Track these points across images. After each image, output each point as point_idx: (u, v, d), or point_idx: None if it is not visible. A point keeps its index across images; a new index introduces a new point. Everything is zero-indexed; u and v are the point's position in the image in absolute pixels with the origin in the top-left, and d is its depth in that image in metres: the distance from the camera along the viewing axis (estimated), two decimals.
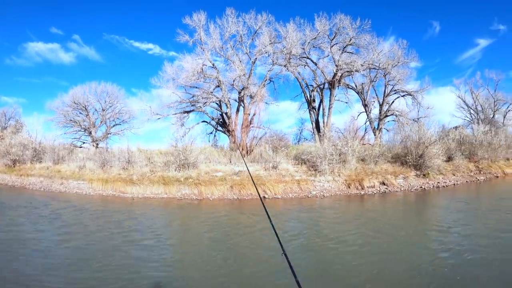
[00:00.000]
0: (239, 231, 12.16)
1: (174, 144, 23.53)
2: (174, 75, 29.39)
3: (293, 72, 32.11)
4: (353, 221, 13.58)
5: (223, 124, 31.38)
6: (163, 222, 14.18)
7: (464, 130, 34.47)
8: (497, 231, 10.93)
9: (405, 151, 25.35)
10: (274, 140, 28.10)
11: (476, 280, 7.24)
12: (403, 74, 33.07)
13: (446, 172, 25.25)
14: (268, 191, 19.72)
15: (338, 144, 24.21)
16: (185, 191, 20.16)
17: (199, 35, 29.55)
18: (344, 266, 8.25)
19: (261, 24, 30.54)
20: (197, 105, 30.29)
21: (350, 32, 31.04)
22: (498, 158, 30.45)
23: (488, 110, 46.31)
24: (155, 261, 8.82)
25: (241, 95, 30.01)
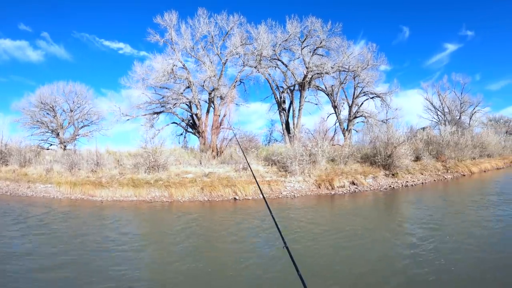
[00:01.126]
0: (211, 233, 12.18)
1: (144, 145, 23.29)
2: (144, 75, 29.27)
3: (263, 74, 32.56)
4: (324, 220, 13.86)
5: (193, 125, 31.47)
6: (134, 226, 13.93)
7: (431, 130, 35.75)
8: (462, 226, 11.71)
9: (374, 152, 26.03)
10: (244, 141, 28.28)
11: (448, 270, 7.71)
12: (372, 76, 34.07)
13: (414, 172, 26.11)
14: (239, 193, 19.80)
15: (308, 145, 24.63)
16: (155, 194, 19.96)
17: (170, 35, 29.51)
18: (321, 265, 8.47)
19: (233, 25, 30.83)
20: (167, 106, 30.24)
21: (321, 34, 31.67)
22: (464, 158, 31.68)
23: (455, 112, 48.34)
24: (126, 266, 8.69)
25: (211, 96, 30.12)
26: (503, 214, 13.26)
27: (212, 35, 30.55)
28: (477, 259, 8.50)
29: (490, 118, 57.98)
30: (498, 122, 57.95)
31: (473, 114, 50.48)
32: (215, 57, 31.43)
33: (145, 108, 30.15)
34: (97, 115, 38.37)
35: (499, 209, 14.21)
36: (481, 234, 10.39)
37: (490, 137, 40.30)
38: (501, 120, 59.63)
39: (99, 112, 38.14)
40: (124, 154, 26.63)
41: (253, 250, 9.79)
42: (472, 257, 8.64)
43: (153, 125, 30.43)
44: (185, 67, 30.31)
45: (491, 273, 7.51)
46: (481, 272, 7.60)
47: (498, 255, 8.58)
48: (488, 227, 11.36)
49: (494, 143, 40.47)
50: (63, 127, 37.23)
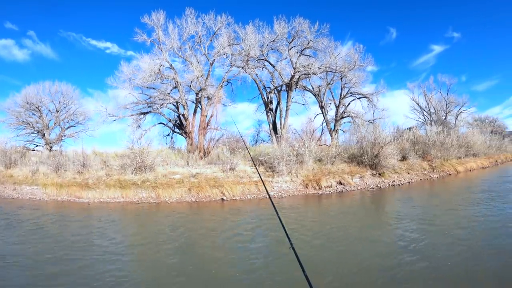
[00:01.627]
0: (200, 234, 12.08)
1: (131, 146, 23.17)
2: (131, 75, 29.07)
3: (251, 74, 32.68)
4: (313, 219, 14.00)
5: (180, 126, 31.46)
6: (121, 228, 13.72)
7: (417, 130, 36.32)
8: (445, 224, 12.00)
9: (361, 151, 26.41)
10: (231, 142, 28.43)
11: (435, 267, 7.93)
12: (359, 77, 34.42)
13: (401, 171, 26.55)
14: (226, 193, 19.89)
15: (295, 145, 24.90)
16: (142, 195, 19.88)
17: (158, 34, 29.48)
18: (316, 263, 8.51)
19: (221, 26, 30.94)
20: (154, 107, 30.17)
21: (309, 35, 31.91)
22: (450, 157, 32.35)
23: (441, 112, 49.20)
24: (114, 269, 8.61)
25: (198, 97, 30.17)
26: (489, 210, 13.70)
27: (200, 35, 30.67)
28: (466, 253, 8.80)
29: (476, 118, 59.21)
30: (484, 122, 59.16)
31: (458, 114, 51.54)
32: (202, 57, 31.55)
33: (132, 108, 30.05)
34: (84, 115, 38.05)
35: (484, 206, 14.68)
36: (468, 231, 10.76)
37: (476, 137, 41.12)
38: (486, 120, 60.95)
39: (85, 113, 37.81)
40: (110, 155, 26.48)
41: (246, 251, 9.81)
42: (462, 251, 8.95)
43: (140, 126, 30.35)
44: (172, 67, 30.30)
45: (482, 268, 7.79)
46: (472, 266, 7.89)
47: (485, 250, 8.87)
48: (474, 224, 11.73)
49: (480, 142, 41.31)
50: (49, 127, 36.77)
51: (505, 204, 14.93)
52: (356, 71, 34.00)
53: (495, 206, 14.70)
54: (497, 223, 11.59)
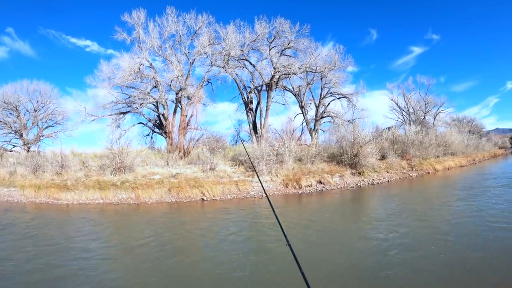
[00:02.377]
0: (181, 236, 11.89)
1: (110, 146, 22.90)
2: (110, 74, 29.05)
3: (231, 74, 32.95)
4: (294, 218, 14.14)
5: (160, 125, 31.46)
6: (100, 230, 13.34)
7: (396, 130, 37.09)
8: (424, 220, 12.50)
9: (340, 151, 26.84)
10: (211, 142, 28.49)
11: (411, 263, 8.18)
12: (339, 77, 35.11)
13: (380, 170, 27.12)
14: (206, 193, 19.89)
15: (275, 144, 25.15)
16: (122, 196, 19.67)
17: (138, 33, 29.46)
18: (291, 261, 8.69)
19: (201, 25, 31.07)
20: (134, 106, 30.12)
21: (289, 36, 32.41)
22: (429, 156, 33.18)
23: (419, 112, 50.43)
24: (93, 273, 8.37)
25: (178, 96, 30.25)
26: (468, 207, 14.21)
27: (180, 34, 30.77)
28: (446, 247, 9.13)
29: (454, 118, 60.68)
30: (462, 122, 60.54)
31: (437, 114, 52.96)
32: (182, 57, 31.67)
33: (111, 108, 29.89)
34: (62, 115, 37.65)
35: (463, 203, 15.22)
36: (449, 227, 11.10)
37: (454, 136, 42.12)
38: (464, 120, 62.35)
39: (64, 112, 37.43)
40: (89, 155, 26.27)
41: (229, 251, 9.76)
42: (442, 246, 9.29)
43: (119, 126, 30.22)
44: (152, 66, 30.33)
45: (462, 261, 8.10)
46: (453, 260, 8.17)
47: (466, 245, 9.18)
48: (451, 219, 12.24)
49: (458, 142, 42.34)
50: (27, 127, 36.39)
51: (482, 201, 15.48)
52: (336, 71, 34.67)
53: (473, 202, 15.23)
54: (475, 219, 12.01)
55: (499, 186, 19.77)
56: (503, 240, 9.53)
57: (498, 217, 12.04)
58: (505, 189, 18.74)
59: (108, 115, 29.94)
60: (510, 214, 12.59)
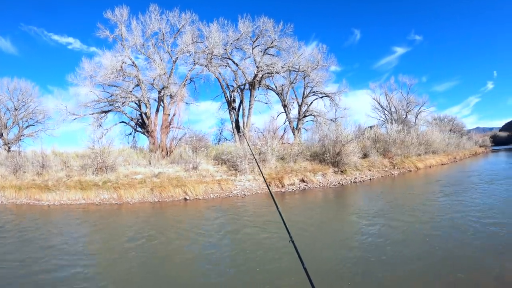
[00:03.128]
0: (164, 235, 11.73)
1: (91, 146, 22.83)
2: (92, 72, 28.72)
3: (214, 73, 33.04)
4: (272, 217, 14.03)
5: (143, 124, 31.37)
6: (82, 231, 13.18)
7: (378, 129, 37.69)
8: (405, 216, 12.88)
9: (323, 150, 27.28)
10: (194, 141, 28.61)
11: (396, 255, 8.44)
12: (322, 77, 35.49)
13: (362, 168, 27.67)
14: (189, 192, 20.01)
15: (258, 143, 25.54)
16: (104, 196, 19.56)
17: (120, 31, 29.39)
18: (273, 260, 8.70)
19: (185, 23, 31.11)
20: (116, 105, 29.92)
21: (272, 35, 32.67)
22: (410, 154, 33.92)
23: (401, 111, 51.39)
24: (74, 275, 8.18)
25: (161, 95, 30.24)
26: (448, 204, 14.60)
27: (163, 32, 30.71)
28: (425, 240, 9.54)
29: (435, 117, 61.97)
30: (443, 121, 61.82)
31: (418, 114, 53.92)
32: (165, 55, 31.63)
33: (92, 106, 29.59)
34: (43, 114, 36.92)
35: (444, 200, 15.71)
36: (430, 224, 11.41)
37: (435, 135, 43.09)
38: (445, 119, 63.67)
39: (45, 111, 36.68)
40: (71, 155, 25.95)
41: (213, 252, 9.71)
42: (420, 238, 9.76)
43: (101, 125, 29.97)
44: (134, 64, 30.23)
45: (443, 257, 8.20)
46: (429, 252, 8.46)
47: (447, 241, 9.37)
48: (434, 216, 12.54)
49: (439, 140, 43.30)
50: (7, 127, 35.62)
51: (462, 197, 15.99)
52: (319, 70, 35.08)
53: (454, 199, 15.72)
54: (455, 215, 12.39)
55: (480, 183, 20.39)
56: (485, 234, 9.84)
57: (475, 212, 12.39)
58: (483, 185, 19.33)
59: (89, 114, 29.70)
60: (479, 207, 13.17)
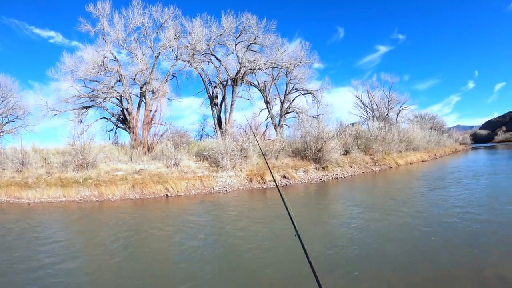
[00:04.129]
0: (144, 232, 11.62)
1: (72, 142, 22.62)
2: (73, 67, 28.52)
3: (196, 68, 33.25)
4: (256, 213, 14.47)
5: (124, 120, 31.29)
6: (63, 230, 12.98)
7: (360, 126, 38.39)
8: (387, 211, 13.24)
9: (304, 146, 27.79)
10: (176, 137, 28.63)
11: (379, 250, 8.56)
12: (305, 73, 35.97)
13: (343, 165, 28.21)
14: (170, 189, 20.11)
15: (240, 140, 25.64)
16: (84, 193, 19.47)
17: (102, 25, 29.21)
18: (252, 259, 8.66)
19: (168, 18, 31.09)
20: (97, 100, 29.79)
21: (256, 31, 33.00)
22: (391, 151, 34.66)
23: (383, 109, 52.54)
24: (55, 273, 8.00)
25: (143, 90, 30.21)
26: (430, 199, 15.11)
27: (146, 27, 30.63)
28: (406, 235, 9.80)
29: (416, 115, 63.31)
30: (424, 119, 63.11)
31: (400, 111, 55.18)
32: (147, 50, 31.53)
33: (73, 102, 29.38)
34: (23, 109, 36.46)
35: (424, 196, 16.25)
36: (410, 218, 11.71)
37: (416, 132, 44.04)
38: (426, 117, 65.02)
39: (25, 107, 36.21)
40: (51, 151, 25.60)
41: (195, 249, 9.59)
42: (402, 235, 9.90)
43: (82, 120, 29.87)
44: (116, 59, 30.17)
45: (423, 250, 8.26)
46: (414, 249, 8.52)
47: (428, 235, 9.55)
48: (412, 210, 13.02)
49: (419, 138, 44.27)
50: None
51: (442, 193, 16.62)
52: (301, 67, 35.59)
53: (434, 195, 16.31)
54: (434, 210, 12.79)
55: (460, 179, 21.11)
56: (465, 229, 10.04)
57: (455, 208, 12.64)
58: (464, 181, 19.97)
59: (70, 110, 29.47)
60: (459, 203, 13.52)
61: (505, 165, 30.80)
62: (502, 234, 9.35)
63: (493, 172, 24.36)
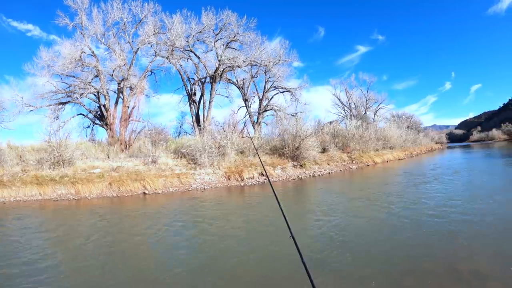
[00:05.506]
0: (121, 233, 11.44)
1: (48, 139, 22.35)
2: (50, 61, 28.37)
3: (175, 65, 33.40)
4: (235, 210, 14.71)
5: (101, 117, 31.13)
6: (39, 229, 12.67)
7: (338, 124, 39.18)
8: (361, 207, 13.79)
9: (282, 144, 28.16)
10: (153, 134, 28.69)
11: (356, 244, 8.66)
12: (284, 72, 36.55)
13: (321, 162, 28.78)
14: (148, 187, 20.15)
15: (217, 137, 25.91)
16: (61, 191, 19.31)
17: (81, 19, 28.95)
18: (233, 254, 8.86)
19: (147, 13, 31.02)
20: (74, 96, 29.57)
21: (236, 28, 33.27)
22: (368, 149, 35.48)
23: (361, 108, 53.71)
24: (31, 274, 7.87)
25: (120, 87, 30.08)
26: (402, 197, 15.19)
27: (125, 22, 30.52)
28: (382, 231, 10.06)
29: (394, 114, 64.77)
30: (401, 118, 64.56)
31: (377, 110, 56.66)
32: (126, 45, 31.46)
33: (50, 98, 29.10)
34: None
35: (398, 194, 16.38)
36: (383, 215, 12.11)
37: (393, 131, 45.11)
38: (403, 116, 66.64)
39: (0, 102, 34.44)
40: (27, 148, 25.18)
41: (174, 249, 9.64)
42: (375, 232, 10.14)
43: (58, 117, 29.53)
44: (94, 54, 29.95)
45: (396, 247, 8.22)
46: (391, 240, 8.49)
47: (403, 232, 9.49)
48: (387, 209, 13.10)
49: (396, 136, 45.33)
50: None
51: (413, 190, 17.25)
52: (280, 65, 36.09)
53: (411, 191, 16.87)
54: (410, 207, 13.18)
55: (435, 176, 21.91)
56: (437, 225, 10.33)
57: (430, 205, 12.46)
58: (440, 178, 20.65)
59: (46, 106, 29.17)
60: (435, 199, 13.47)
61: (479, 163, 32.12)
62: (477, 229, 9.79)
63: (467, 169, 25.54)
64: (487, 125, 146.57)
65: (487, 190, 16.16)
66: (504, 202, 13.36)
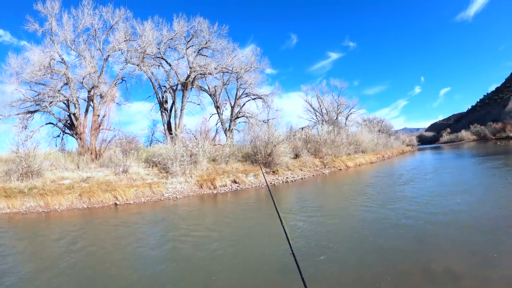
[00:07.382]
0: (93, 245, 11.29)
1: (15, 149, 21.89)
2: (18, 68, 27.82)
3: (146, 72, 33.42)
4: (206, 219, 15.02)
5: (71, 126, 30.70)
6: (6, 245, 12.12)
7: (310, 130, 39.91)
8: (334, 210, 14.10)
9: (255, 150, 28.63)
10: (124, 143, 28.50)
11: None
12: (255, 79, 37.16)
13: (294, 168, 29.34)
14: (119, 197, 20.08)
15: (189, 145, 26.07)
16: (30, 204, 18.90)
17: (50, 24, 28.56)
18: (209, 260, 9.09)
19: (118, 20, 30.95)
20: (43, 105, 29.06)
21: (207, 35, 33.60)
22: (341, 154, 36.28)
23: (332, 113, 54.85)
24: None
25: (90, 94, 29.81)
26: (373, 199, 15.75)
27: (96, 28, 30.32)
28: (356, 234, 10.25)
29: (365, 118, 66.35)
30: (372, 122, 66.10)
31: (349, 115, 58.08)
32: (96, 52, 31.13)
33: (18, 106, 28.53)
34: None
35: (368, 197, 17.06)
36: (356, 218, 12.64)
37: (364, 135, 46.21)
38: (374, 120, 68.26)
39: None
40: None
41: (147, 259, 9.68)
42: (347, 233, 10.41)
43: (26, 126, 29.00)
44: (64, 61, 29.64)
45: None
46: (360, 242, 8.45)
47: (374, 233, 9.55)
48: (360, 211, 13.68)
49: (368, 140, 46.48)
50: None
51: (385, 191, 18.11)
52: (252, 72, 36.71)
53: (383, 193, 17.57)
54: (382, 209, 13.64)
55: (403, 178, 22.93)
56: (407, 226, 10.67)
57: (402, 207, 12.72)
58: (413, 180, 20.84)
59: (15, 115, 28.61)
60: (405, 202, 14.17)
61: (449, 163, 33.70)
62: (449, 230, 10.17)
63: (436, 170, 26.95)
64: (456, 126, 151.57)
65: (458, 189, 17.01)
66: (474, 202, 13.98)
